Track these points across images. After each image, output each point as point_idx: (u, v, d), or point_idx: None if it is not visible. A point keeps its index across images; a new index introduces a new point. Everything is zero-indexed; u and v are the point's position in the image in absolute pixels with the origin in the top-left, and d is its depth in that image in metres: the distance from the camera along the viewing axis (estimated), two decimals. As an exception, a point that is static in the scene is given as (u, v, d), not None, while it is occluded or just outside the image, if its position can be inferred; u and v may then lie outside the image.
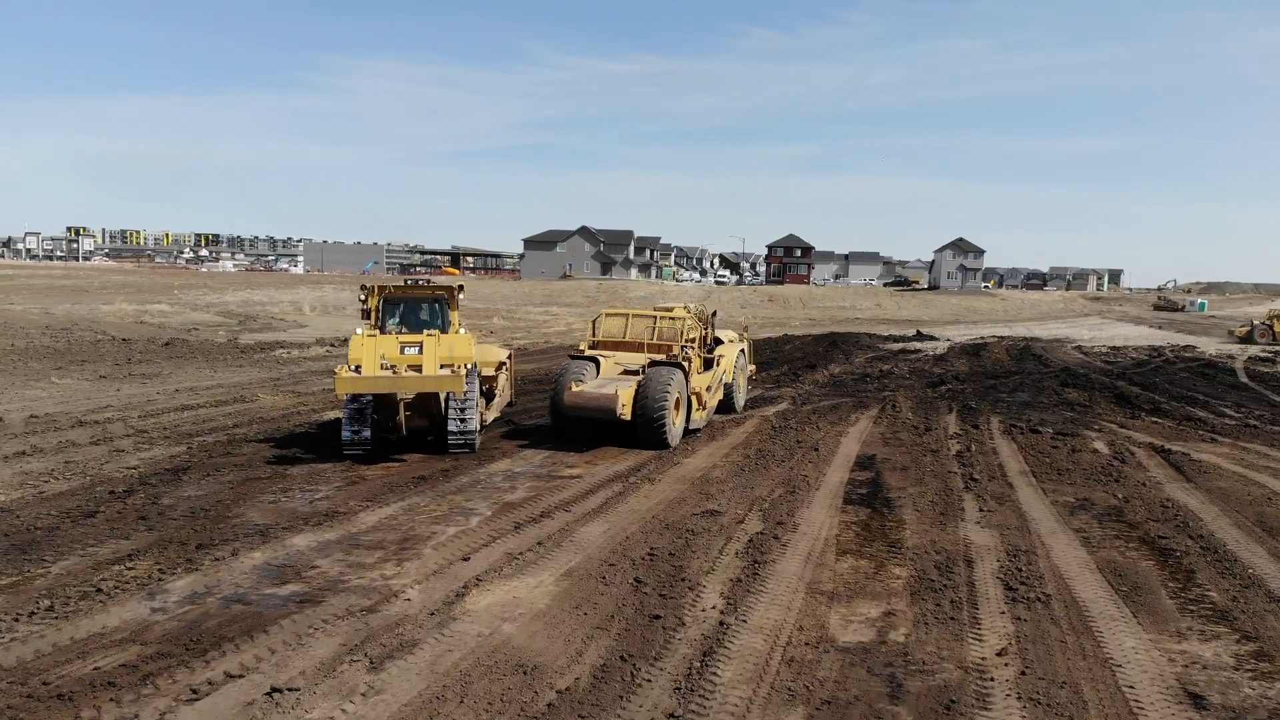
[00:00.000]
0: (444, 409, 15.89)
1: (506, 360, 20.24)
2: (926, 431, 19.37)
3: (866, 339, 49.26)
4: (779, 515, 12.12)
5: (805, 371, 32.45)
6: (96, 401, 21.96)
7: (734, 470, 15.18)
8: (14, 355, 30.30)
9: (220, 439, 17.32)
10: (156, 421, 19.30)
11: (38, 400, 21.59)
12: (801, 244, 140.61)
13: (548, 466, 15.39)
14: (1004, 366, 35.97)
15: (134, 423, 19.04)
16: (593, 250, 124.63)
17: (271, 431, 18.07)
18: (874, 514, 12.25)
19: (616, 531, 11.46)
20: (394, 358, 15.37)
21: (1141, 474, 15.03)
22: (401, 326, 16.95)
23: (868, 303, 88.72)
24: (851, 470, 15.16)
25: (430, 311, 17.31)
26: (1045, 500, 13.10)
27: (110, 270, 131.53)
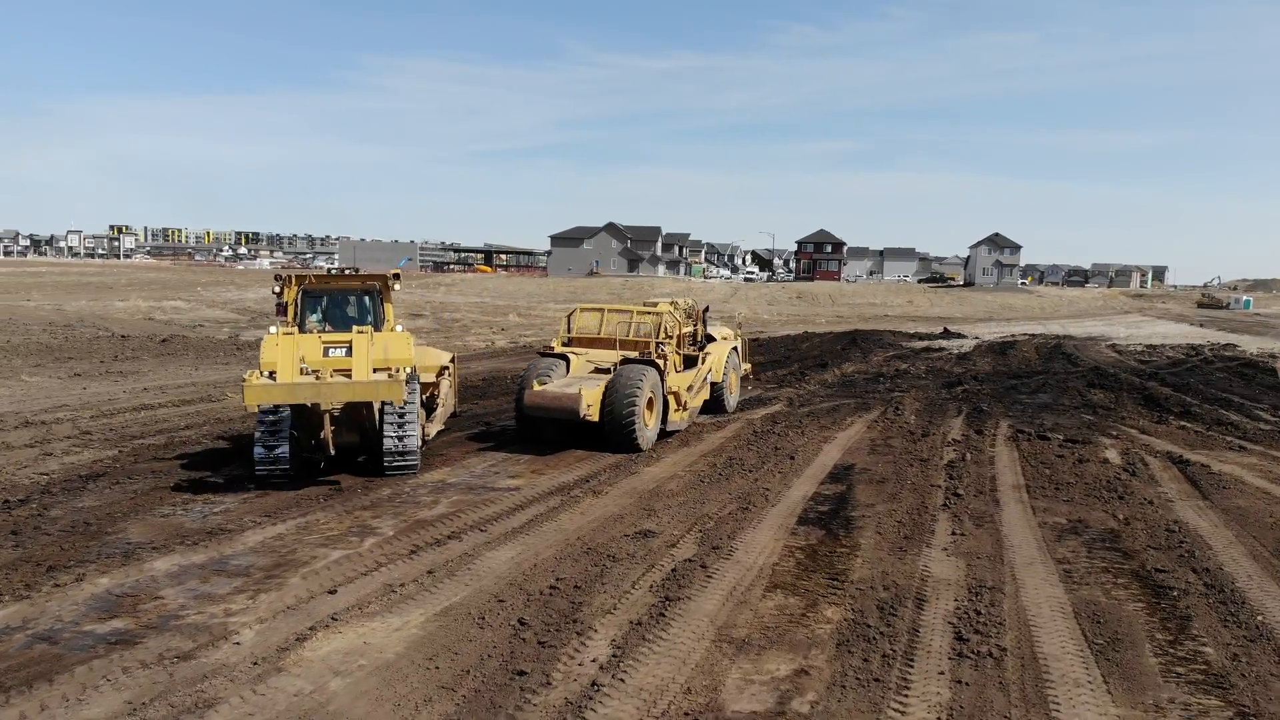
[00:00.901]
0: (378, 422, 13.50)
1: (450, 364, 17.63)
2: (923, 437, 17.68)
3: (890, 337, 47.36)
4: (719, 538, 10.56)
5: (815, 371, 30.79)
6: (56, 400, 20.96)
7: (693, 481, 13.64)
8: (1, 352, 29.53)
9: (160, 442, 16.17)
10: (107, 422, 18.20)
11: (-14, 400, 20.63)
12: (832, 240, 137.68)
13: (488, 477, 13.96)
14: (1030, 366, 34.02)
15: (83, 424, 17.98)
16: (620, 247, 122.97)
17: (221, 433, 16.91)
18: (827, 537, 10.64)
19: (527, 557, 9.99)
20: (316, 361, 12.98)
21: (1151, 489, 13.24)
22: (325, 324, 14.62)
23: (899, 300, 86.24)
24: (821, 483, 13.53)
25: (359, 306, 14.98)
26: (1032, 521, 11.39)
27: (145, 268, 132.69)
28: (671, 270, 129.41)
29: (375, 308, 14.85)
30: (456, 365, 18.54)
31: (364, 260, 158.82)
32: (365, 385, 12.51)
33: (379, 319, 14.75)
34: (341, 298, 15.04)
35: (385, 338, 13.81)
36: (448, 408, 17.38)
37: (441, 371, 16.62)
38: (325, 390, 12.31)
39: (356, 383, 12.51)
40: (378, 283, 14.99)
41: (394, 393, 12.53)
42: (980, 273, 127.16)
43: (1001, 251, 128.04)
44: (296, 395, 12.23)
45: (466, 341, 41.53)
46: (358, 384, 12.51)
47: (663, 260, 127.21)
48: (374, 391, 12.53)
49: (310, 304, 14.80)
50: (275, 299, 14.57)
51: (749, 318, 66.76)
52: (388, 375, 12.78)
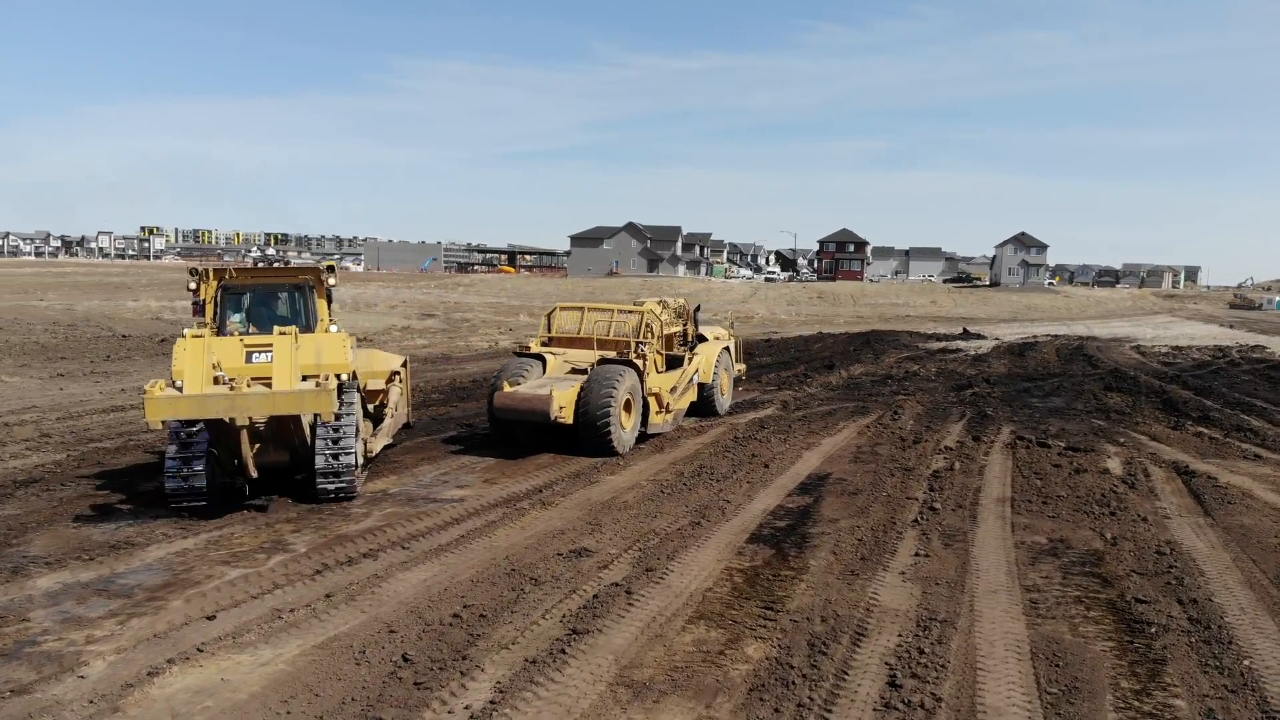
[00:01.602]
0: (309, 438, 11.82)
1: (400, 369, 15.70)
2: (914, 444, 16.62)
3: (906, 337, 46.10)
4: (657, 558, 9.61)
5: (821, 372, 29.70)
6: (28, 401, 20.38)
7: (653, 492, 12.70)
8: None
9: (114, 446, 15.55)
10: (71, 425, 17.58)
11: (-56, 401, 20.09)
12: (855, 239, 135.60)
13: (435, 486, 13.10)
14: (1048, 368, 32.73)
15: (46, 425, 17.39)
16: (639, 247, 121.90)
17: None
18: (776, 557, 9.65)
19: (442, 580, 9.10)
20: (236, 368, 11.18)
21: (1148, 504, 12.12)
22: (249, 324, 12.87)
23: (922, 300, 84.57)
24: (789, 495, 12.53)
25: (289, 304, 13.22)
26: (1009, 541, 10.33)
27: (171, 268, 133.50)
28: (692, 270, 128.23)
29: (307, 305, 13.09)
30: (409, 370, 16.55)
31: (389, 261, 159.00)
32: (288, 396, 10.64)
33: (311, 318, 13.03)
34: (268, 295, 13.24)
35: (317, 340, 12.16)
36: (398, 418, 15.43)
37: (391, 378, 14.97)
38: (240, 403, 10.38)
39: (277, 393, 10.63)
40: (309, 277, 13.21)
41: (322, 405, 10.69)
42: (1006, 273, 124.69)
43: (1028, 251, 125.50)
44: (206, 409, 10.39)
45: (470, 342, 40.76)
46: (279, 395, 10.62)
47: (683, 260, 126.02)
48: (298, 403, 10.69)
49: (231, 302, 13.01)
50: (191, 297, 12.84)
51: (765, 318, 65.69)
52: (317, 384, 10.88)
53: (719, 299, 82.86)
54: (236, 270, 13.13)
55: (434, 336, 43.28)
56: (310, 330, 12.72)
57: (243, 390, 10.50)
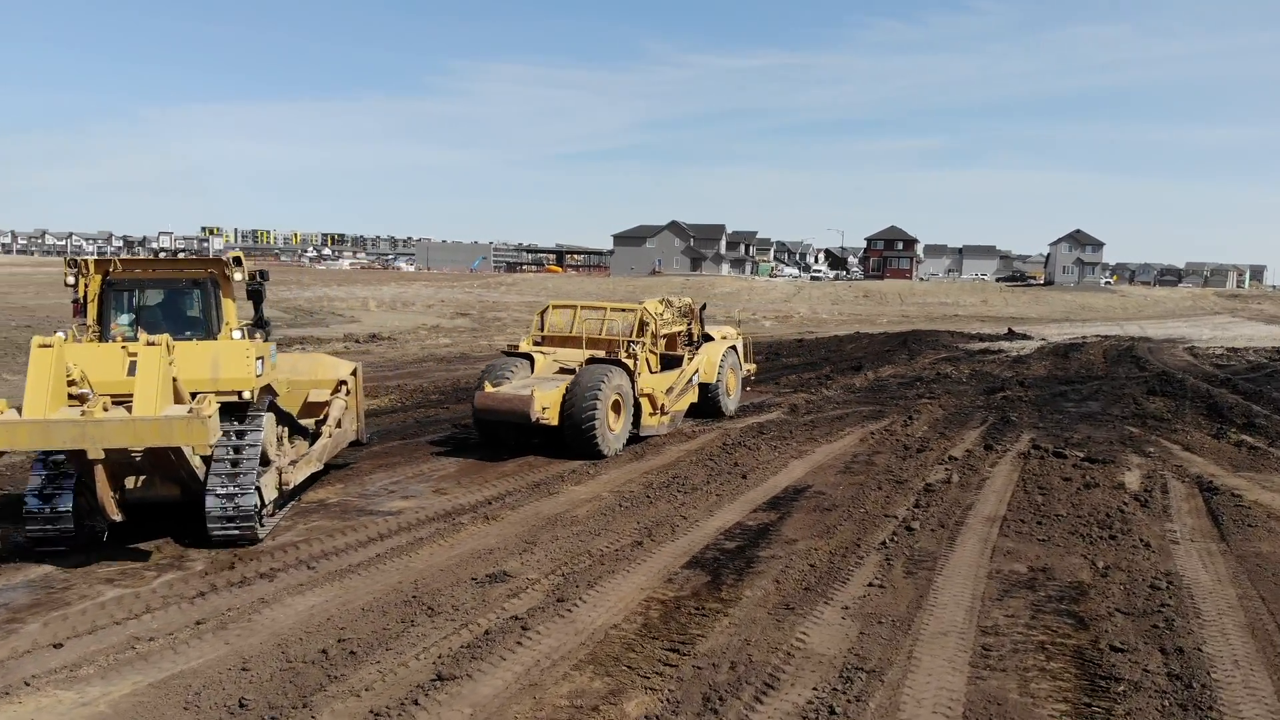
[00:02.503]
0: (205, 470, 9.64)
1: (350, 379, 13.57)
2: (918, 453, 15.38)
3: (947, 337, 44.35)
4: (577, 585, 8.59)
5: (846, 374, 28.38)
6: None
7: (610, 505, 11.68)
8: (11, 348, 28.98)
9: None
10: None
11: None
12: (904, 236, 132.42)
13: (379, 496, 12.23)
14: (1091, 370, 31.00)
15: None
16: (683, 246, 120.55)
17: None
18: (708, 586, 8.56)
19: (331, 607, 8.20)
20: (112, 382, 9.18)
21: (1157, 525, 10.77)
22: (137, 327, 10.64)
23: (972, 299, 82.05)
24: (755, 511, 11.41)
25: (187, 304, 10.96)
26: (983, 569, 9.10)
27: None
28: (736, 269, 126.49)
29: (208, 306, 10.80)
30: (360, 380, 13.96)
31: (440, 261, 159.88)
32: (150, 425, 8.48)
33: (214, 321, 10.78)
34: (162, 292, 11.03)
35: (214, 350, 10.06)
36: (340, 437, 13.06)
37: (338, 388, 13.12)
38: (93, 432, 8.33)
39: (138, 421, 8.48)
40: (210, 271, 10.83)
41: (194, 435, 8.53)
42: (1060, 271, 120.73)
43: (1083, 249, 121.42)
44: (50, 438, 8.43)
45: (495, 341, 40.07)
46: (139, 423, 8.46)
47: (726, 259, 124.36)
48: (162, 433, 8.50)
49: (117, 300, 10.77)
50: (70, 292, 10.71)
51: (805, 317, 64.19)
52: (191, 410, 8.72)
53: (760, 298, 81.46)
54: (123, 262, 10.82)
55: (459, 335, 42.73)
56: (212, 334, 10.66)
57: (95, 415, 8.42)
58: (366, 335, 40.21)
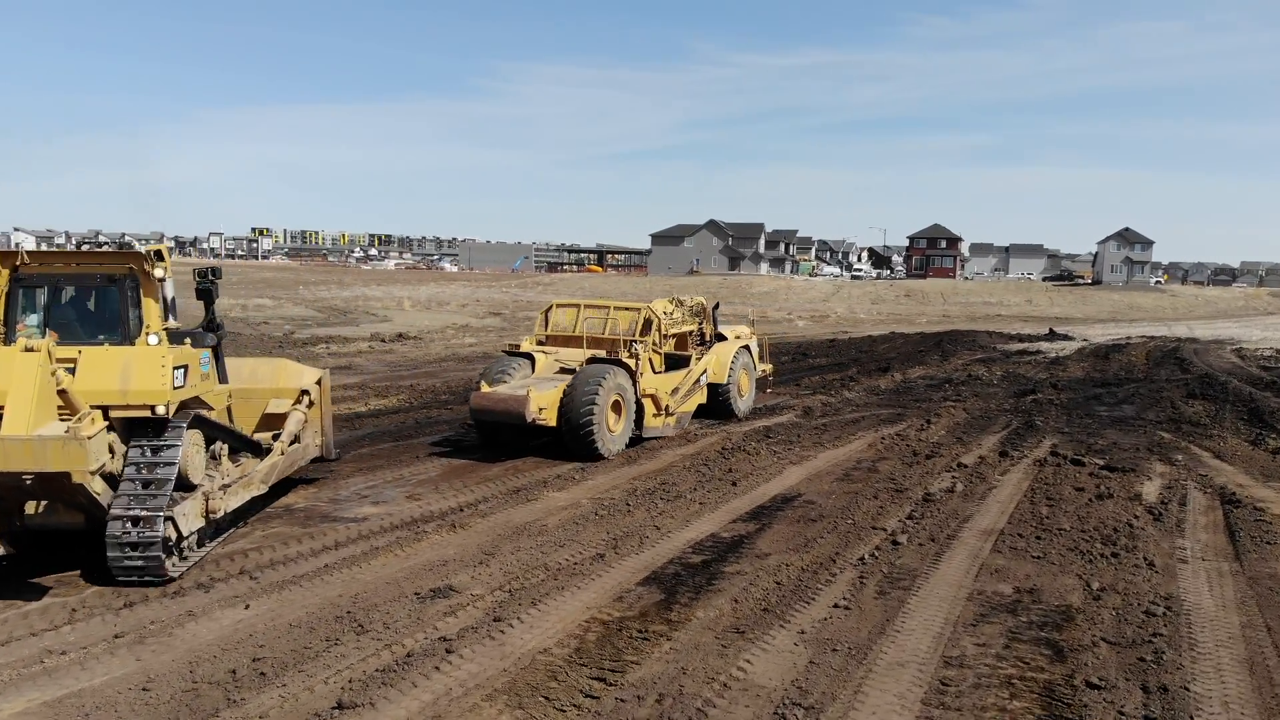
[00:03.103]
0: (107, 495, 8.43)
1: (313, 388, 12.15)
2: (927, 459, 14.64)
3: (985, 338, 43.14)
4: (520, 603, 8.05)
5: (872, 375, 27.52)
6: None
7: (585, 514, 11.13)
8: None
9: None
10: None
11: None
12: (947, 234, 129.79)
13: (349, 501, 11.81)
14: (1131, 372, 29.81)
15: None
16: (721, 245, 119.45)
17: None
18: (660, 605, 7.95)
19: (258, 622, 7.75)
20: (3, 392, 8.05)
21: (1167, 541, 9.94)
22: (45, 328, 9.52)
23: (1017, 298, 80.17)
24: (734, 521, 10.77)
25: (105, 303, 9.76)
26: (964, 589, 8.38)
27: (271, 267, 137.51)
28: (775, 268, 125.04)
29: (124, 306, 9.57)
30: (327, 389, 12.44)
31: (483, 261, 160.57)
32: (19, 447, 7.49)
33: (130, 323, 9.55)
34: (74, 289, 9.82)
35: (124, 357, 8.85)
36: (296, 454, 11.64)
37: (300, 398, 11.83)
38: None
39: (5, 440, 7.55)
40: (128, 266, 9.55)
41: (71, 459, 7.55)
42: (1108, 270, 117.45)
43: (1131, 248, 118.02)
44: None
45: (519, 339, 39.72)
46: (7, 443, 7.53)
47: (765, 258, 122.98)
48: (36, 456, 7.51)
49: (26, 298, 9.66)
50: None
51: (842, 317, 63.10)
52: (69, 431, 7.70)
53: (798, 298, 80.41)
54: (31, 255, 9.70)
55: (487, 335, 42.47)
56: (128, 338, 9.39)
57: None
58: (394, 334, 40.09)
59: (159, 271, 9.59)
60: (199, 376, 9.66)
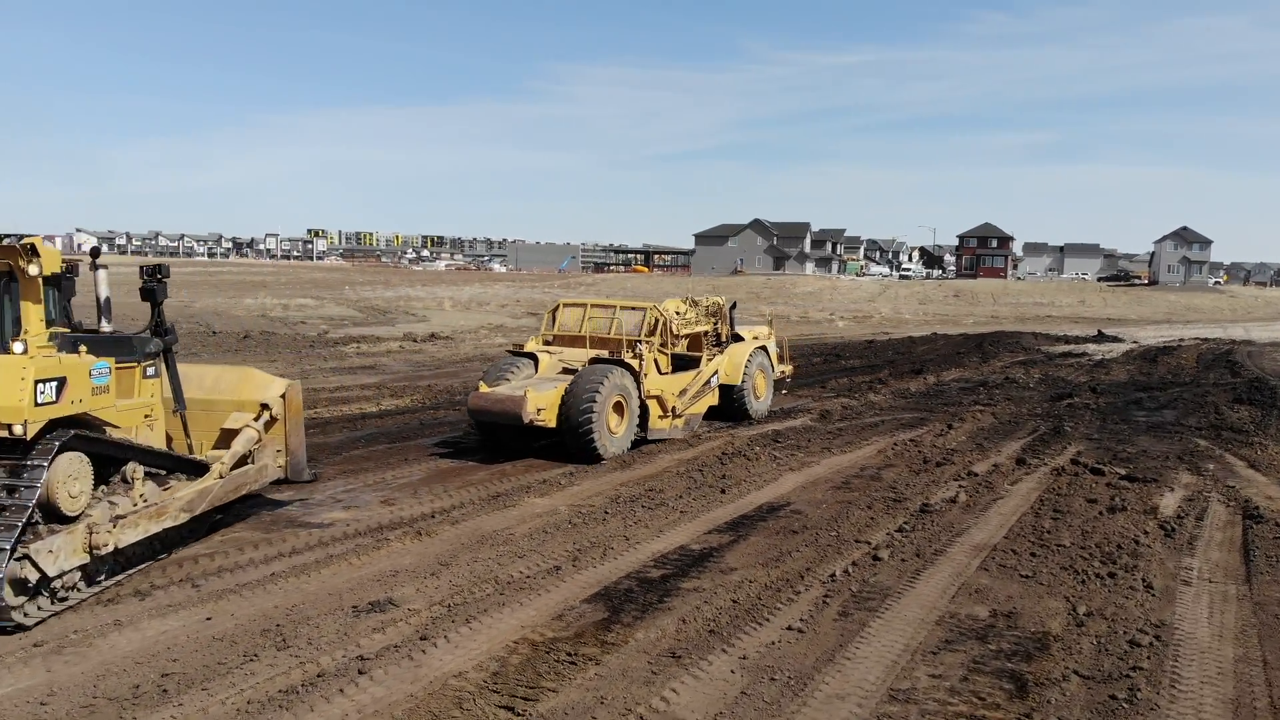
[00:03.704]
0: None
1: (275, 401, 10.53)
2: (937, 467, 13.95)
3: (1030, 339, 41.86)
4: (457, 618, 7.60)
5: (904, 378, 26.68)
6: None
7: (560, 521, 10.68)
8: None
9: None
10: None
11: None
12: (998, 233, 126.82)
13: (322, 505, 11.52)
14: (1178, 375, 28.57)
15: None
16: (765, 244, 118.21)
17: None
18: (600, 625, 7.44)
19: (183, 633, 7.41)
20: None
21: (1174, 560, 9.17)
22: None
23: (1069, 299, 77.99)
24: (710, 532, 10.20)
25: None
26: (939, 610, 7.73)
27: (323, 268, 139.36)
28: (822, 268, 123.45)
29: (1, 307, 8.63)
30: (295, 401, 10.80)
31: (530, 262, 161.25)
32: None
33: (4, 328, 8.65)
34: None
35: None
36: (246, 477, 10.20)
37: (261, 412, 10.43)
38: None
39: None
40: (7, 263, 8.55)
41: None
42: (1165, 270, 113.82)
43: (1189, 247, 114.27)
44: None
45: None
46: None
47: (811, 258, 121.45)
48: None
49: None
50: None
51: (886, 317, 61.91)
52: None
53: (843, 298, 79.23)
54: None
55: (520, 335, 42.20)
56: (2, 348, 8.36)
57: None
58: (426, 334, 40.10)
59: (32, 269, 8.43)
60: (87, 390, 8.22)
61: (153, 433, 9.39)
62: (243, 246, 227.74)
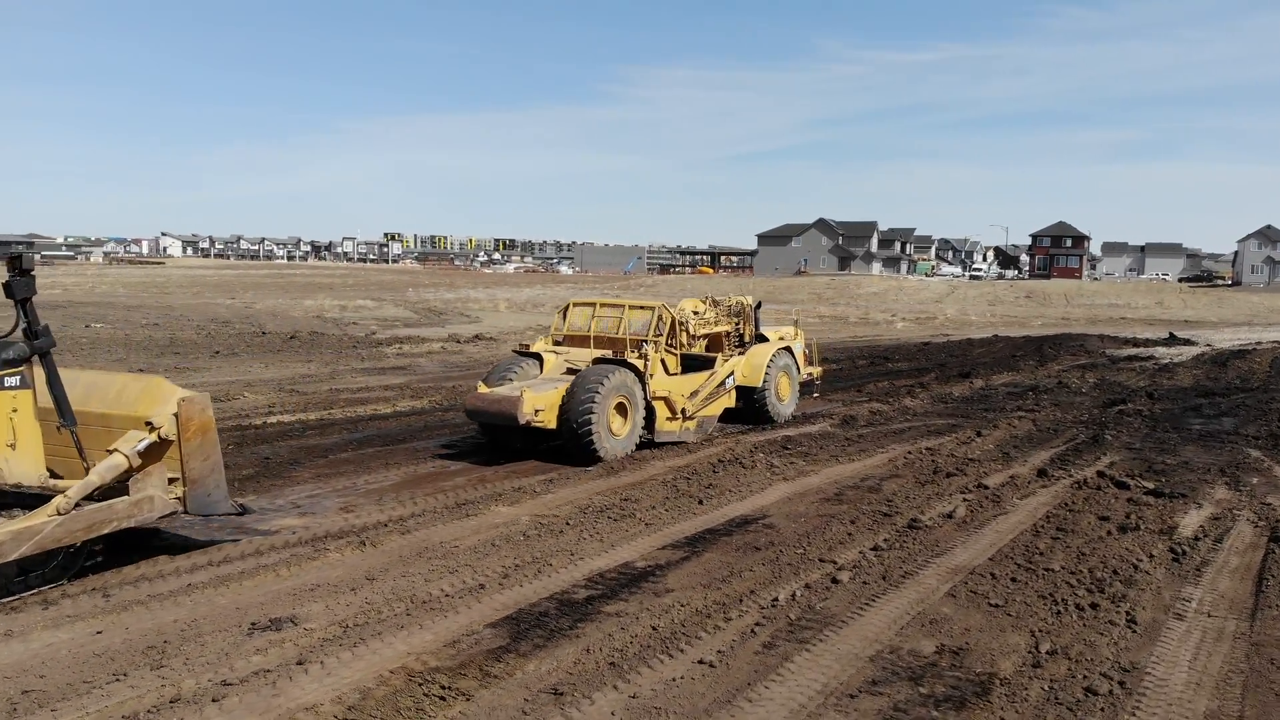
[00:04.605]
0: None
1: (165, 420, 8.44)
2: (947, 478, 13.04)
3: (1096, 342, 39.94)
4: (345, 642, 7.03)
5: (949, 381, 25.48)
6: None
7: (514, 534, 10.09)
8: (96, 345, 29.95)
9: None
10: None
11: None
12: (1073, 233, 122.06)
13: (278, 512, 11.12)
14: (1247, 381, 26.80)
15: None
16: (830, 244, 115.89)
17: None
18: (490, 655, 6.77)
19: (62, 649, 7.01)
20: None
21: (1170, 589, 8.13)
22: None
23: (1146, 300, 74.68)
24: (664, 548, 9.47)
25: None
26: (880, 645, 6.87)
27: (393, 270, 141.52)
28: (890, 268, 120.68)
29: None
30: (196, 418, 8.62)
31: (596, 264, 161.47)
32: None
33: None
34: None
35: None
36: (124, 513, 8.37)
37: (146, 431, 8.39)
38: None
39: None
40: None
41: None
42: (1249, 270, 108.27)
43: (1274, 246, 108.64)
44: None
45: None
46: None
47: (878, 257, 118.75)
48: None
49: None
50: None
51: (951, 319, 60.02)
52: None
53: (909, 299, 77.27)
54: None
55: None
56: None
57: None
58: (471, 335, 40.01)
59: None
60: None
61: (14, 453, 8.19)
62: (321, 250, 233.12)
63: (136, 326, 38.82)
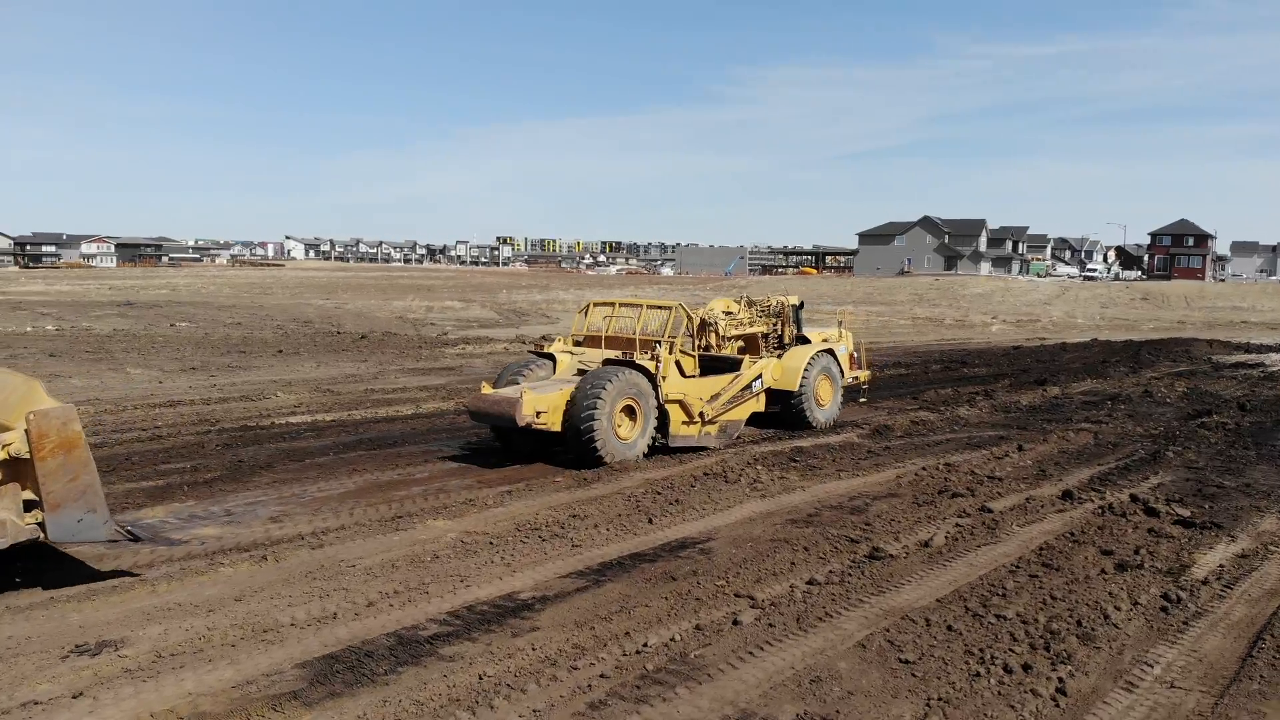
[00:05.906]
0: None
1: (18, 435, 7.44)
2: (952, 498, 11.73)
3: (1204, 347, 36.88)
4: (145, 676, 6.33)
5: (1020, 389, 23.67)
6: (94, 394, 20.05)
7: (425, 553, 9.35)
8: (175, 343, 30.61)
9: None
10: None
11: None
12: (1195, 231, 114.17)
13: (206, 519, 10.65)
14: (1365, 390, 24.13)
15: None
16: (935, 243, 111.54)
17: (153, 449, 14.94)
18: (283, 699, 5.94)
19: None
20: None
21: (1136, 648, 6.65)
22: None
23: (1274, 303, 68.97)
24: (570, 575, 8.47)
25: None
26: (729, 711, 5.74)
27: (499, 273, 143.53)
28: (1000, 268, 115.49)
29: None
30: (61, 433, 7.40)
31: (697, 266, 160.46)
32: None
33: None
34: None
35: None
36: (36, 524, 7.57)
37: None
38: None
39: None
40: None
41: None
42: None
43: None
44: None
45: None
46: None
47: (987, 257, 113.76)
48: None
49: None
50: None
51: (1057, 321, 56.73)
52: None
53: (1016, 300, 73.67)
54: None
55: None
56: None
57: None
58: (538, 336, 39.63)
59: None
60: None
61: None
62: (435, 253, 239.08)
63: (219, 325, 39.82)
